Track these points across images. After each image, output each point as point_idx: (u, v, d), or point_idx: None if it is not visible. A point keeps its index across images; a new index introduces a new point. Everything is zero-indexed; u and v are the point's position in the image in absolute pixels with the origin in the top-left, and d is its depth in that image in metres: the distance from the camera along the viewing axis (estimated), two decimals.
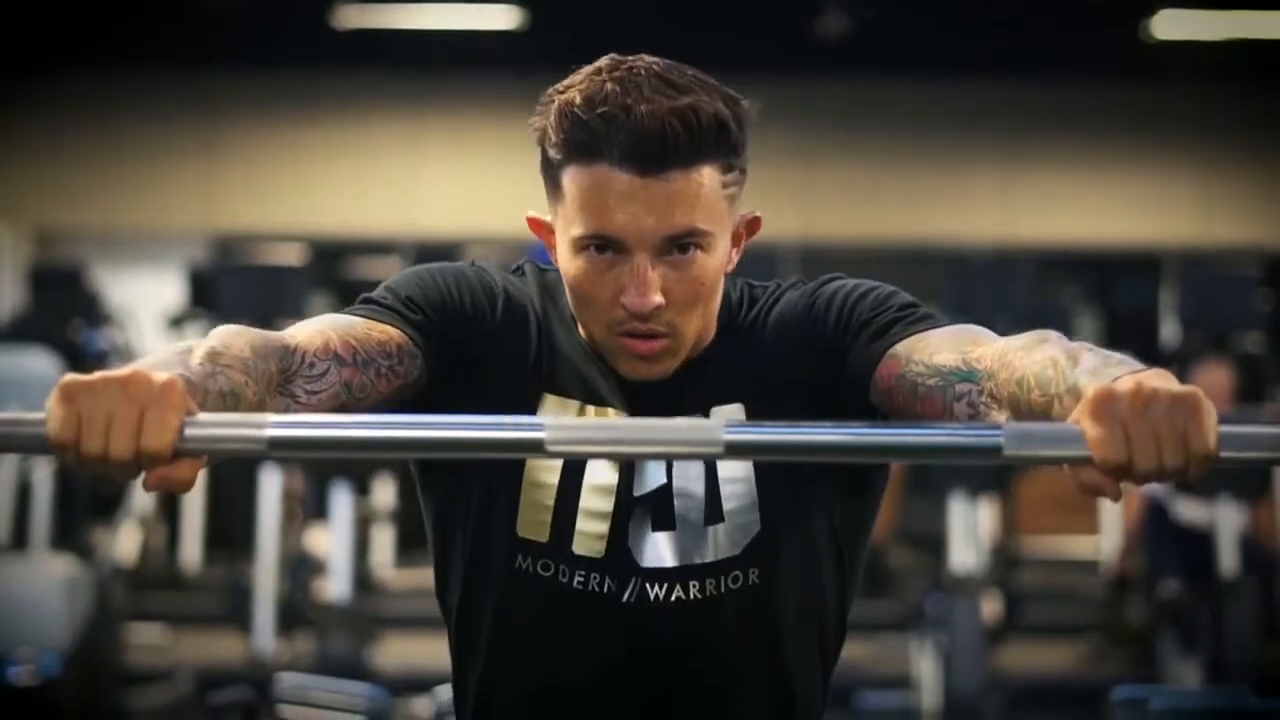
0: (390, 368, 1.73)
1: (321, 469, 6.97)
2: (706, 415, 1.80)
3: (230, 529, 8.36)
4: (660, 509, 1.80)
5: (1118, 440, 1.41)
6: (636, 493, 1.79)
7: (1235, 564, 6.76)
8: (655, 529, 1.80)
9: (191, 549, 9.18)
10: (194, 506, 9.13)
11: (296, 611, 7.01)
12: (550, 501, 1.80)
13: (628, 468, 1.80)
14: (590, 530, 1.79)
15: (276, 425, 1.47)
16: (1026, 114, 11.66)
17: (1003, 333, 1.70)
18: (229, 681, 4.67)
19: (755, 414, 1.80)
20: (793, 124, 11.17)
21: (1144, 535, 7.45)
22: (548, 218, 1.79)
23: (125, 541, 8.08)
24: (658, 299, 1.71)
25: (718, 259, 1.75)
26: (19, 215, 11.61)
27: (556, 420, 1.50)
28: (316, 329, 1.70)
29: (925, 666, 6.74)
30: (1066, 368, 1.54)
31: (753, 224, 1.80)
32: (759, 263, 10.44)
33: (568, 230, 1.74)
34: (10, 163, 11.64)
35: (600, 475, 1.80)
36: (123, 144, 11.53)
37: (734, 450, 1.47)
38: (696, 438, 1.48)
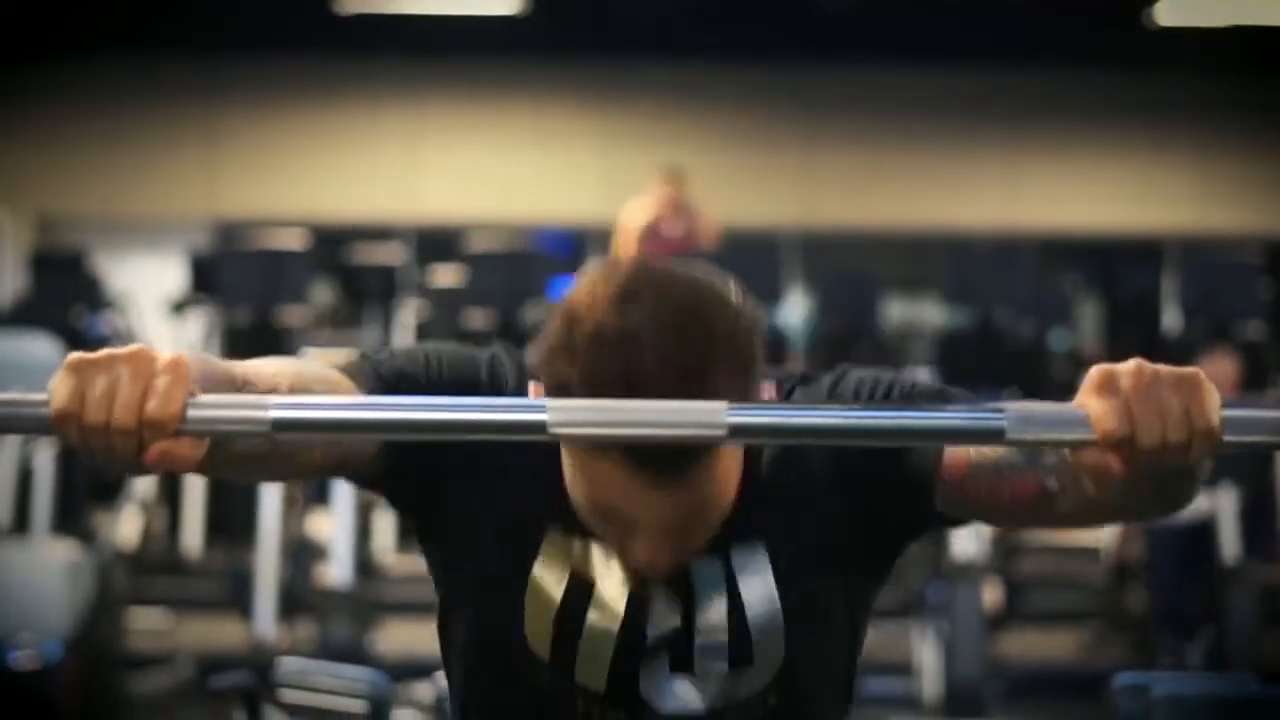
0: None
1: None
2: (726, 557, 1.71)
3: (231, 514, 8.36)
4: (677, 652, 1.72)
5: (1121, 415, 1.42)
6: (650, 631, 1.71)
7: (1236, 550, 6.76)
8: (674, 670, 1.72)
9: (193, 534, 9.17)
10: (195, 491, 9.13)
11: (297, 597, 7.01)
12: (551, 617, 1.72)
13: (634, 605, 1.71)
14: (593, 663, 1.72)
15: (280, 406, 1.47)
16: (1029, 100, 11.65)
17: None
18: (230, 667, 4.66)
19: (778, 555, 1.71)
20: (795, 110, 11.15)
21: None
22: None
23: (126, 526, 8.07)
24: (667, 559, 1.65)
25: (729, 489, 1.65)
26: (21, 200, 11.60)
27: (558, 402, 1.49)
28: (276, 370, 1.60)
29: (926, 653, 6.73)
30: None
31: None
32: (761, 248, 10.43)
33: (569, 477, 1.64)
34: (12, 148, 11.63)
35: (604, 610, 1.71)
36: (124, 129, 11.53)
37: (737, 432, 1.45)
38: (699, 420, 1.46)
